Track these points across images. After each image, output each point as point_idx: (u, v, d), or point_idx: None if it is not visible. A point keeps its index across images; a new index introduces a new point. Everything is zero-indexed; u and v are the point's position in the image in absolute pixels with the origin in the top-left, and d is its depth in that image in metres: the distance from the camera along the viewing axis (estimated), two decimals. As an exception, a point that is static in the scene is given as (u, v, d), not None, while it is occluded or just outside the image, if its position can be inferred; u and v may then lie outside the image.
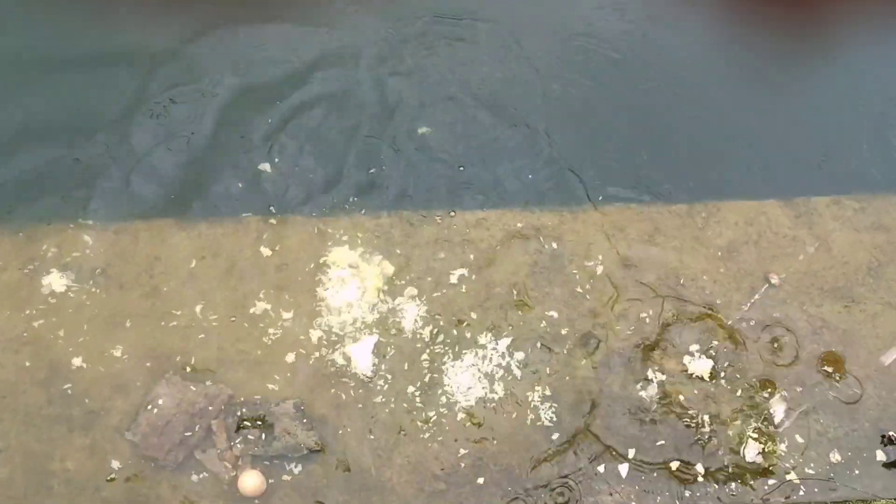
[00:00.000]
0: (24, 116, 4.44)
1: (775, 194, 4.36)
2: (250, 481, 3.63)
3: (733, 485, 3.74)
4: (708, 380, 3.93)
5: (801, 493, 3.74)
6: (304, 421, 3.78)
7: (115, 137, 4.42)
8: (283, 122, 4.51)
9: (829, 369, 3.97)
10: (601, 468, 3.78)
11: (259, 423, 3.78)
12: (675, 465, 3.79)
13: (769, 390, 3.91)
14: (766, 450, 3.78)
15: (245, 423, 3.78)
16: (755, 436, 3.80)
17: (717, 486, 3.74)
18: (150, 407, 3.80)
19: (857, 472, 3.78)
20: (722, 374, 3.96)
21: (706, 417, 3.86)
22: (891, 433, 3.81)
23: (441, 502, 3.72)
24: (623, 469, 3.76)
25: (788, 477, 3.78)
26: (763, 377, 3.95)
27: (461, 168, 4.42)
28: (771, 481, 3.76)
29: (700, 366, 3.92)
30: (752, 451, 3.77)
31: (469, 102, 4.61)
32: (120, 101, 4.51)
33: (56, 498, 3.64)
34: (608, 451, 3.81)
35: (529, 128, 4.55)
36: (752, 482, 3.72)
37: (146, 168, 4.35)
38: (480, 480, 3.75)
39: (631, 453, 3.81)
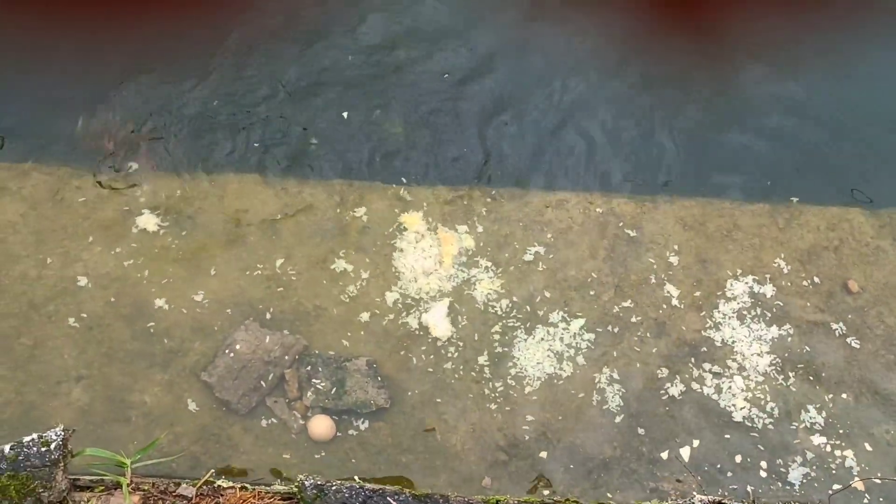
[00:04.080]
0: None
1: (861, 202, 4.32)
2: (321, 425, 3.72)
3: (798, 484, 3.73)
4: (777, 377, 3.93)
5: (866, 500, 3.71)
6: (377, 379, 3.86)
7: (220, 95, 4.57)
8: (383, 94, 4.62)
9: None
10: (664, 454, 3.79)
11: (331, 376, 3.87)
12: (738, 458, 3.78)
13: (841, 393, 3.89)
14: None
15: (318, 374, 3.87)
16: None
17: (781, 485, 3.73)
18: (227, 351, 3.91)
19: (924, 485, 3.74)
20: (791, 374, 3.94)
21: (773, 408, 3.86)
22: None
23: (502, 472, 3.76)
24: (685, 454, 3.77)
25: (853, 483, 3.74)
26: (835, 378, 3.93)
27: (542, 147, 4.48)
28: (836, 486, 3.73)
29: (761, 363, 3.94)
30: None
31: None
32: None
33: (133, 428, 3.77)
34: (671, 438, 3.82)
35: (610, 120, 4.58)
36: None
37: (242, 127, 4.49)
38: (543, 455, 3.79)
39: (695, 443, 3.82)
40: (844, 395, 3.91)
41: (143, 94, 4.53)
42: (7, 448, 2.77)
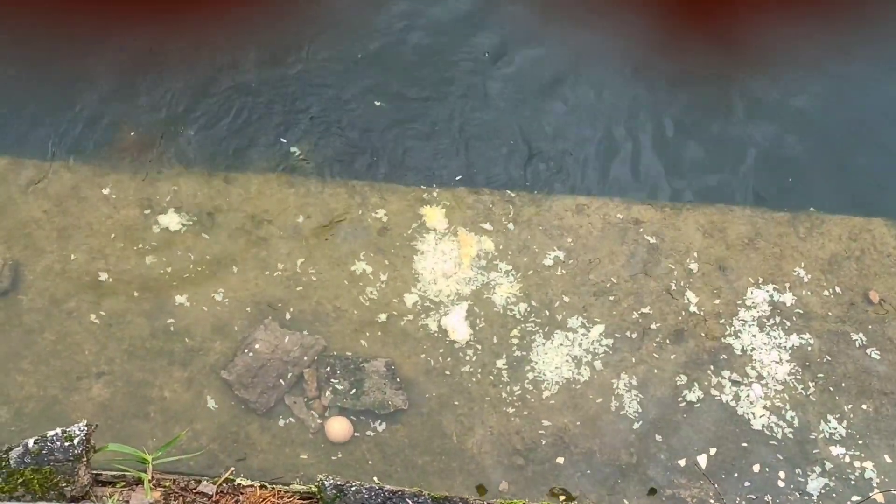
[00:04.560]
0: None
1: (883, 213, 4.30)
2: (338, 426, 3.73)
3: (817, 495, 3.72)
4: (797, 386, 3.91)
5: (885, 512, 3.69)
6: (396, 380, 3.87)
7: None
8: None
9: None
10: (681, 461, 3.78)
11: (350, 377, 3.88)
12: (756, 467, 3.77)
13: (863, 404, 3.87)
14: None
15: (336, 375, 3.89)
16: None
17: (799, 495, 3.71)
18: (246, 350, 3.93)
19: (944, 499, 3.71)
20: (811, 383, 3.93)
21: (792, 417, 3.84)
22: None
23: (519, 476, 3.76)
24: (702, 461, 3.76)
25: (872, 495, 3.72)
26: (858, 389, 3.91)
27: (570, 153, 4.48)
28: (855, 497, 3.71)
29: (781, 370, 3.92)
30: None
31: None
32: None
33: (152, 424, 3.80)
34: (689, 445, 3.81)
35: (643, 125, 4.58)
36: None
37: (264, 125, 4.51)
38: (560, 460, 3.79)
39: (713, 451, 3.80)
40: (865, 406, 3.89)
41: (165, 93, 4.56)
42: (31, 442, 2.79)
